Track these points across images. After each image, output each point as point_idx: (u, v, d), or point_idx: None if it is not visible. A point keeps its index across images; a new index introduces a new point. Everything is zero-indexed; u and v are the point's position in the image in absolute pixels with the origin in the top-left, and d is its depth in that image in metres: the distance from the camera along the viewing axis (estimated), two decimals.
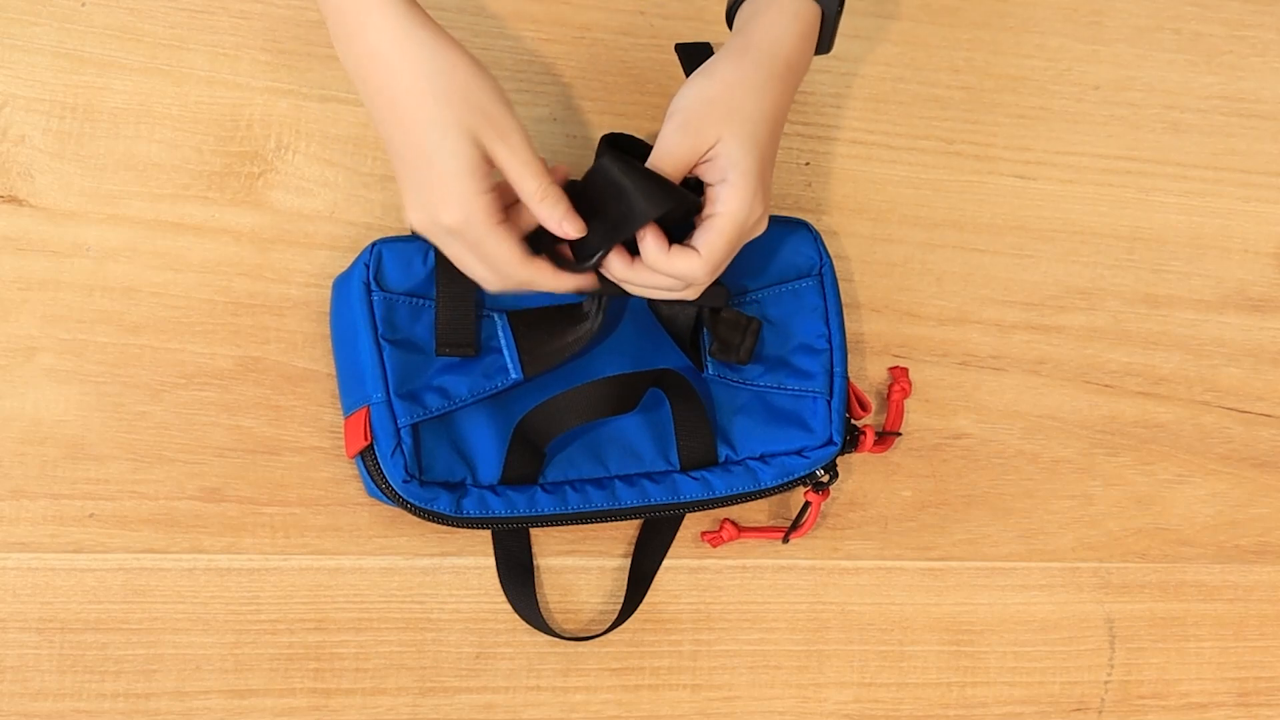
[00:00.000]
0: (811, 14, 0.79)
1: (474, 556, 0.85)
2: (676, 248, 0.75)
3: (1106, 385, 0.95)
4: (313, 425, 0.84)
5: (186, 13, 0.85)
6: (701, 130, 0.75)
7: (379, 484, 0.80)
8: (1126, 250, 0.96)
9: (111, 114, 0.83)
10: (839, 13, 0.81)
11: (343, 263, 0.84)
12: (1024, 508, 0.93)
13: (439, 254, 0.80)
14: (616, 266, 0.76)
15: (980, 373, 0.93)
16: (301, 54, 0.86)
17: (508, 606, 0.85)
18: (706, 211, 0.76)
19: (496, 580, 0.85)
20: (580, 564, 0.87)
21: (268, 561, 0.83)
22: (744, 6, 0.81)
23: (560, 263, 0.75)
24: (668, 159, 0.75)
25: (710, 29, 0.91)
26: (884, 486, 0.91)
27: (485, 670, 0.85)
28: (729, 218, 0.75)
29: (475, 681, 0.85)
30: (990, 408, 0.93)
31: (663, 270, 0.75)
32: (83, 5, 0.84)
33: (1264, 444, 0.97)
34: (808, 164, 0.92)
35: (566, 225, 0.73)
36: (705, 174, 0.76)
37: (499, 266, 0.74)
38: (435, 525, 0.84)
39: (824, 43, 0.82)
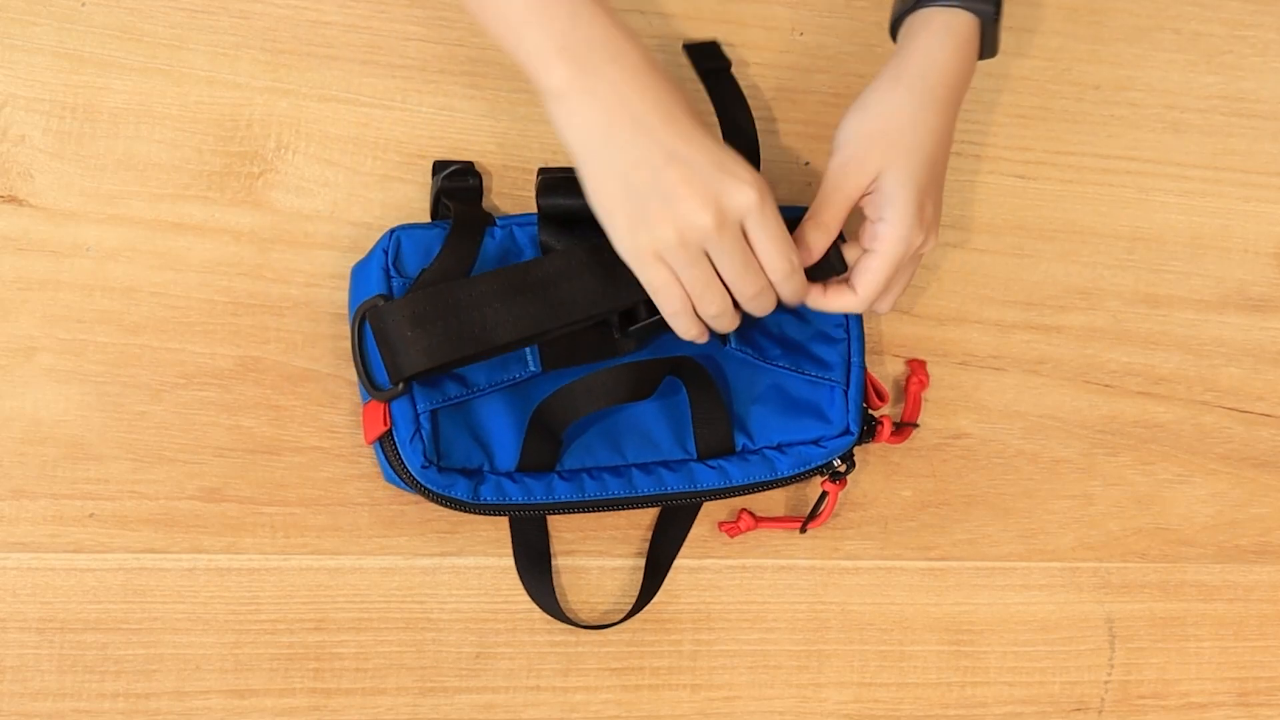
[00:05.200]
0: (965, 25, 0.79)
1: (474, 556, 0.85)
2: (833, 287, 0.79)
3: (1106, 385, 0.95)
4: (313, 425, 0.84)
5: (186, 13, 0.85)
6: (861, 166, 0.77)
7: (397, 470, 0.80)
8: (1126, 250, 0.96)
9: (111, 114, 0.83)
10: (997, 17, 0.81)
11: (343, 262, 0.84)
12: (1024, 508, 0.93)
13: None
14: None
15: (980, 373, 0.93)
16: (301, 54, 0.86)
17: (508, 606, 0.85)
18: (866, 246, 0.78)
19: (496, 580, 0.85)
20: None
21: (268, 561, 0.83)
22: (905, 23, 0.81)
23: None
24: (832, 196, 0.77)
25: (710, 28, 0.91)
26: (884, 486, 0.91)
27: (485, 670, 0.85)
28: (884, 256, 0.77)
29: (475, 681, 0.85)
30: (990, 408, 0.93)
31: (820, 309, 0.79)
32: (83, 5, 0.84)
33: (1264, 444, 0.97)
34: (808, 164, 0.92)
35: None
36: (867, 208, 0.78)
37: (781, 249, 0.73)
38: (435, 525, 0.84)
39: (987, 47, 0.82)
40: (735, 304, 0.76)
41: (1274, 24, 1.00)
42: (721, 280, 0.74)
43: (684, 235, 0.71)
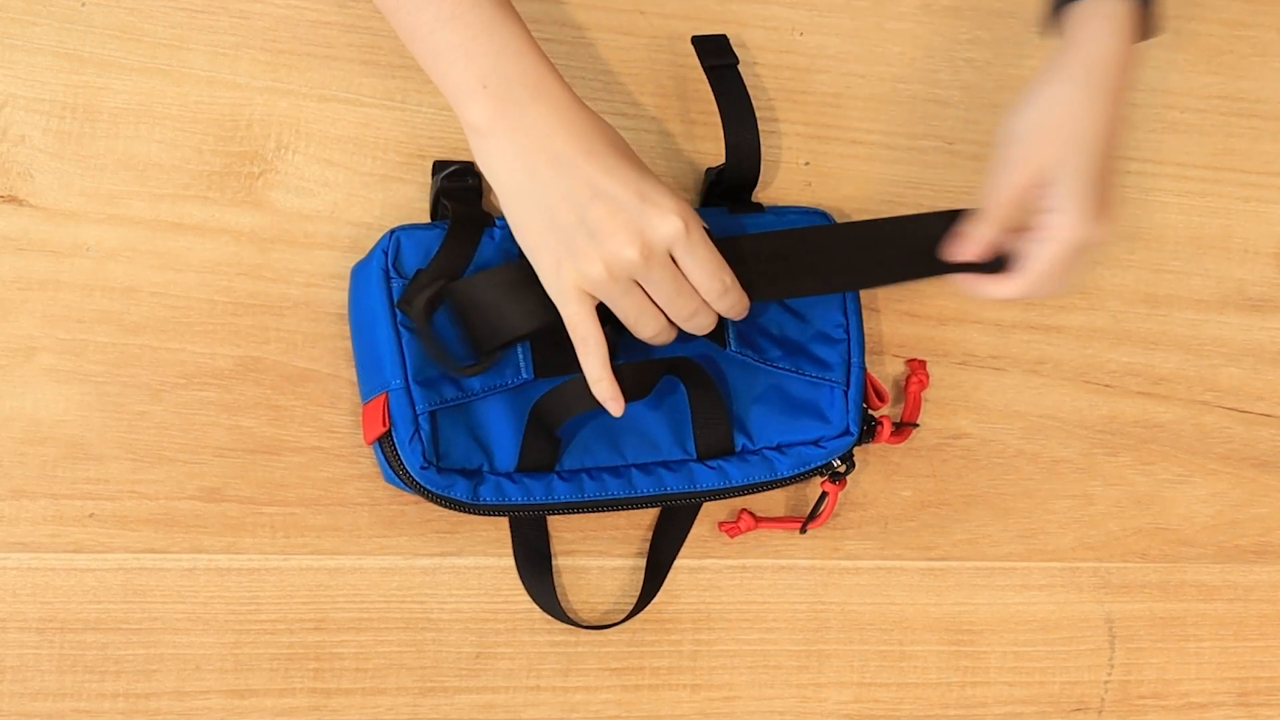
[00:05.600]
0: (1126, 11, 0.79)
1: (474, 556, 0.85)
2: (996, 277, 0.80)
3: (1106, 385, 0.95)
4: (313, 425, 0.84)
5: (186, 13, 0.85)
6: (1029, 160, 0.78)
7: (396, 470, 0.80)
8: (1126, 250, 0.96)
9: (111, 114, 0.83)
10: None
11: (343, 262, 0.84)
12: (1024, 508, 0.93)
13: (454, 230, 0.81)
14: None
15: (980, 373, 0.93)
16: (301, 54, 0.86)
17: (508, 606, 0.85)
18: (1041, 235, 0.78)
19: (496, 580, 0.85)
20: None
21: (268, 561, 0.83)
22: (1064, 16, 0.81)
23: None
24: (1000, 191, 0.78)
25: (710, 28, 0.91)
26: (884, 486, 0.91)
27: (485, 670, 0.85)
28: (1056, 244, 0.77)
29: (475, 681, 0.85)
30: (990, 408, 0.93)
31: (982, 295, 0.80)
32: (83, 5, 0.84)
33: (1264, 444, 0.97)
34: (808, 164, 0.92)
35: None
36: (1040, 200, 0.78)
37: (712, 272, 0.74)
38: (435, 525, 0.85)
39: (1149, 29, 0.82)
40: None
41: (1274, 24, 1.00)
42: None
43: (612, 270, 0.72)
